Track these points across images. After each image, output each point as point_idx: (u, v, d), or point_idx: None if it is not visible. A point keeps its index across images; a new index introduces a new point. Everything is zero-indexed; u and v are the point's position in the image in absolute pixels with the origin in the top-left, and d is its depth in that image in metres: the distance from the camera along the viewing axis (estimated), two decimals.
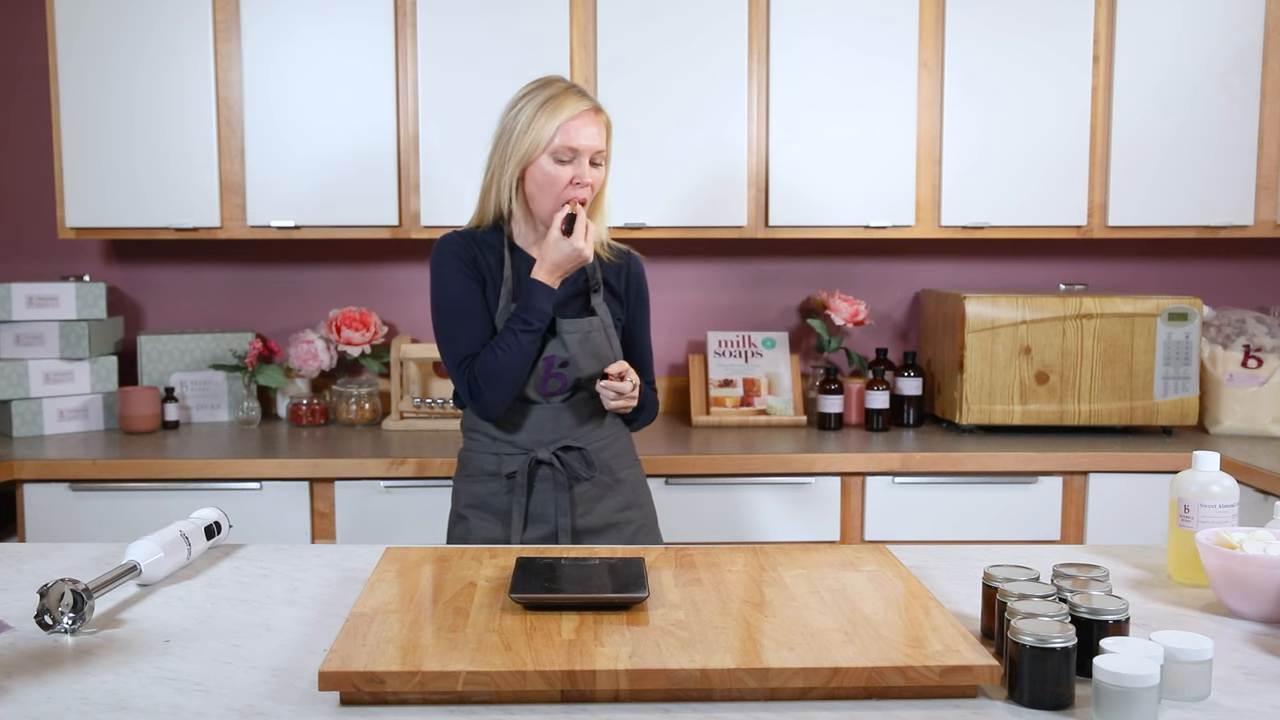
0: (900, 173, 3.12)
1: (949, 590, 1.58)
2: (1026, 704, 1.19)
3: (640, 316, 2.25)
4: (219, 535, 1.78)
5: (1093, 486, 2.89)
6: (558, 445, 2.13)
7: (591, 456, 2.13)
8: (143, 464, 2.79)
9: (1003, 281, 3.53)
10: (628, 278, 2.23)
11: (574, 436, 2.15)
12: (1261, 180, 3.16)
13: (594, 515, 2.15)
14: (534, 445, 2.13)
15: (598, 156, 2.09)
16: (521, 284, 2.10)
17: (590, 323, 2.13)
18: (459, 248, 2.14)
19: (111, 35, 3.00)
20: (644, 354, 2.26)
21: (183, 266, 3.43)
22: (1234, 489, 1.61)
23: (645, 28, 3.05)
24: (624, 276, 2.23)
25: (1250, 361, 3.11)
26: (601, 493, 2.16)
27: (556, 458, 2.12)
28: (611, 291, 2.21)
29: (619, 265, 2.23)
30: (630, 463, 2.25)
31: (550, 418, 2.14)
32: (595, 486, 2.16)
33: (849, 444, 3.01)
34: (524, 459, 2.11)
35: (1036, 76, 3.11)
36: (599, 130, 2.08)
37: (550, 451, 2.12)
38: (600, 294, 2.18)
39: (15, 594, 1.57)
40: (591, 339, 2.13)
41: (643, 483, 2.28)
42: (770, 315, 3.50)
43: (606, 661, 1.21)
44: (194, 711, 1.18)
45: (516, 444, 2.14)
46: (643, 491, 2.26)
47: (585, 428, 2.16)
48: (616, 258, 2.23)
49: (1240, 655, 1.35)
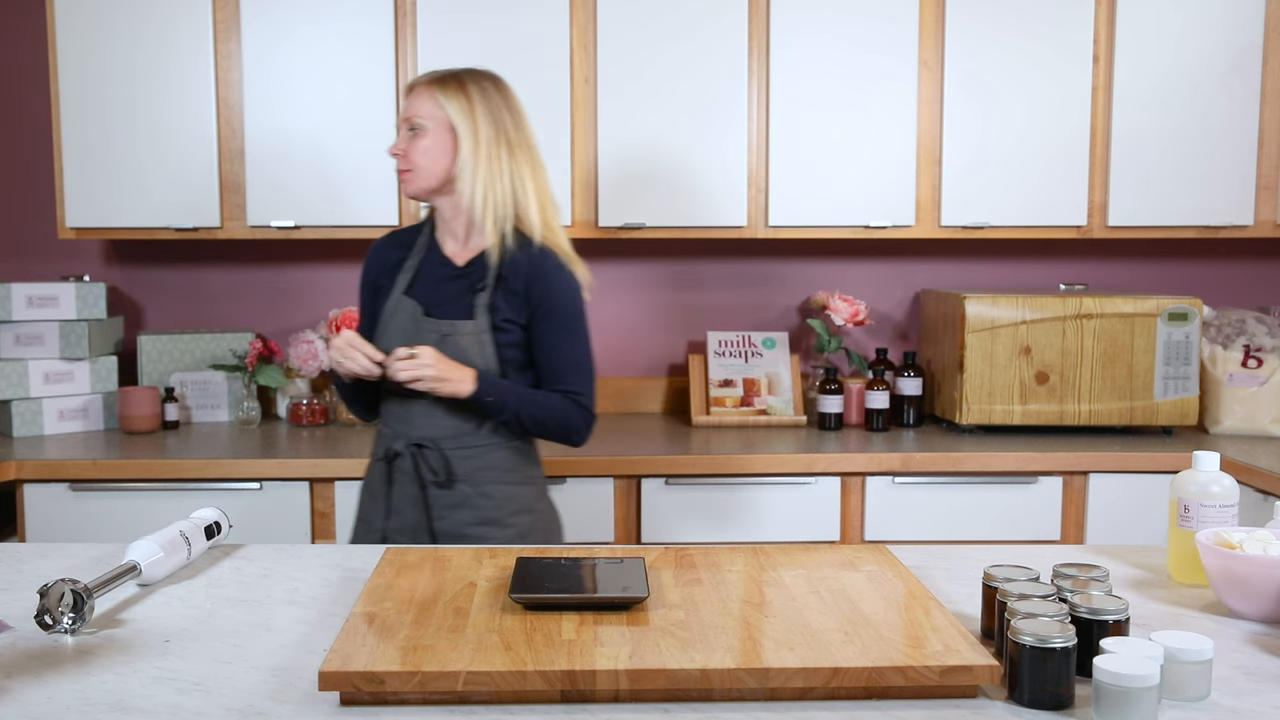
0: (900, 172, 3.12)
1: (949, 590, 1.58)
2: (1026, 704, 1.19)
3: (550, 321, 2.11)
4: (219, 535, 1.78)
5: (1093, 486, 2.89)
6: (413, 441, 2.12)
7: (449, 461, 2.10)
8: (143, 464, 2.79)
9: (1003, 281, 3.53)
10: (527, 278, 2.09)
11: (431, 436, 2.11)
12: (1261, 180, 3.16)
13: (448, 522, 2.11)
14: (395, 437, 2.15)
15: (413, 120, 2.12)
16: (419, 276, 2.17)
17: (457, 325, 2.09)
18: (369, 261, 2.26)
19: (111, 35, 3.00)
20: (556, 361, 2.12)
21: (183, 266, 3.43)
22: (1234, 489, 1.61)
23: (645, 27, 3.05)
24: (523, 275, 2.10)
25: (1250, 361, 3.11)
26: (458, 502, 2.11)
27: (411, 454, 2.11)
28: (510, 291, 2.10)
29: (519, 262, 2.10)
30: (507, 479, 2.13)
31: (406, 412, 2.13)
32: (453, 494, 2.11)
33: (849, 444, 3.01)
34: (384, 447, 2.15)
35: (1036, 76, 3.11)
36: (418, 99, 2.12)
37: (405, 446, 2.12)
38: (489, 293, 2.10)
39: (15, 594, 1.57)
40: (452, 341, 2.08)
41: (520, 503, 2.15)
42: (770, 315, 3.50)
43: (606, 661, 1.21)
44: (194, 711, 1.18)
45: (386, 432, 2.18)
46: (515, 512, 2.13)
47: (444, 429, 2.11)
48: (518, 251, 2.10)
49: (1240, 655, 1.35)
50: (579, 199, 3.09)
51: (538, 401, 2.10)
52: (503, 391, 2.07)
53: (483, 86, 2.14)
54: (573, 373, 2.13)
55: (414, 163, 2.12)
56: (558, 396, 2.12)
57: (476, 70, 2.17)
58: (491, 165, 2.10)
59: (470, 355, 2.08)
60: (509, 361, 2.10)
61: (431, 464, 2.10)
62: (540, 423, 2.11)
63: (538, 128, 3.03)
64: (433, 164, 2.11)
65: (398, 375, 2.02)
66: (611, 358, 3.49)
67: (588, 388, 2.15)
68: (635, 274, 3.47)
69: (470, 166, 2.09)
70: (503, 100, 2.15)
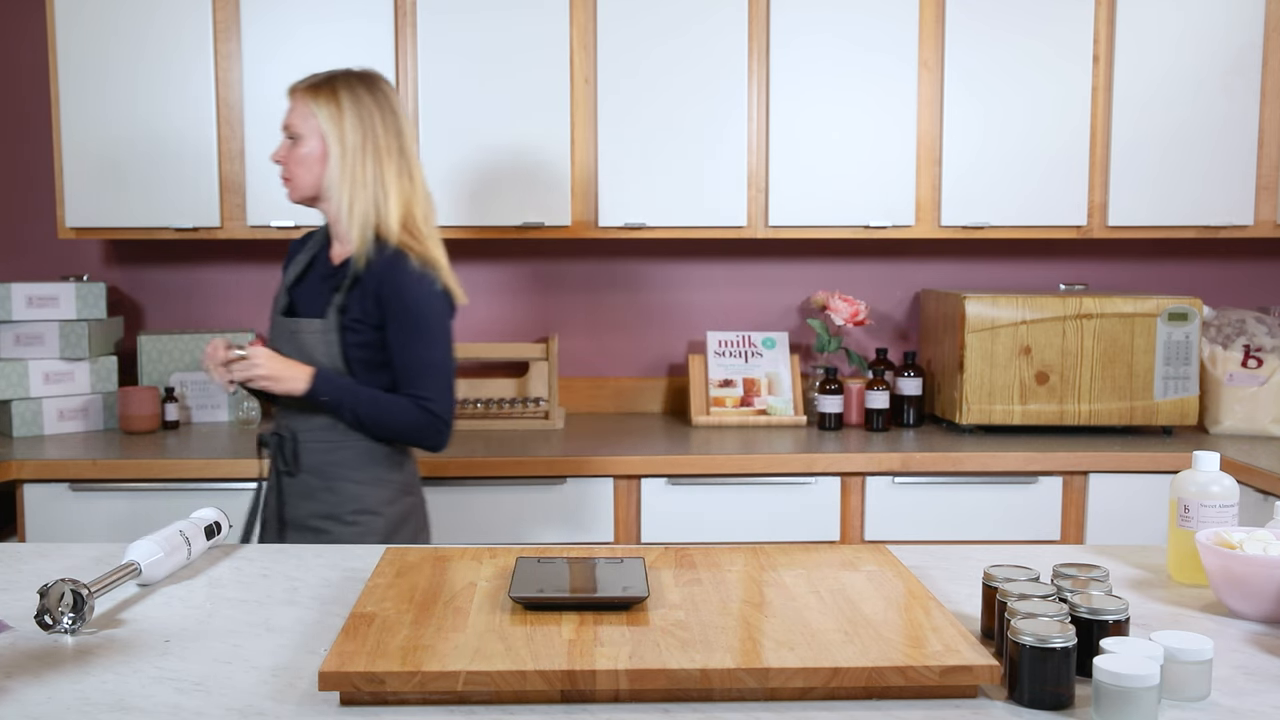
0: (900, 172, 3.12)
1: (949, 590, 1.58)
2: (1026, 704, 1.19)
3: (399, 324, 2.11)
4: (219, 535, 1.78)
5: (1093, 486, 2.89)
6: (277, 430, 2.22)
7: (299, 452, 2.17)
8: (143, 464, 2.79)
9: (1003, 281, 3.53)
10: (379, 280, 2.10)
11: (290, 426, 2.19)
12: (1261, 180, 3.16)
13: (296, 511, 2.18)
14: (272, 426, 2.26)
15: (290, 129, 2.15)
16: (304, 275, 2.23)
17: (305, 324, 2.15)
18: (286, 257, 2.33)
19: (111, 35, 3.00)
20: (406, 364, 2.12)
21: (183, 266, 3.43)
22: (1234, 489, 1.61)
23: (646, 27, 3.05)
24: (376, 278, 2.11)
25: (1250, 361, 3.11)
26: (307, 493, 2.17)
27: (274, 442, 2.20)
28: (365, 292, 2.12)
29: (374, 265, 2.11)
30: (355, 478, 2.15)
31: (278, 402, 2.22)
32: (304, 485, 2.17)
33: (849, 444, 3.01)
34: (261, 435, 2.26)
35: (1036, 76, 3.11)
36: (295, 107, 2.16)
37: (271, 434, 2.21)
38: (343, 294, 2.13)
39: (15, 594, 1.57)
40: (300, 339, 2.15)
41: (365, 503, 2.15)
42: (770, 315, 3.50)
43: (606, 661, 1.21)
44: (194, 711, 1.18)
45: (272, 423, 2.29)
46: (358, 511, 2.14)
47: (302, 422, 2.18)
48: (376, 255, 2.12)
49: (1240, 655, 1.35)
50: (579, 199, 3.09)
51: (379, 403, 2.12)
52: (341, 391, 2.10)
53: (355, 92, 2.15)
54: (421, 377, 2.12)
55: (291, 171, 2.17)
56: (404, 400, 2.12)
57: (352, 73, 2.18)
58: (356, 172, 2.12)
59: (317, 353, 2.13)
60: (358, 361, 2.13)
61: (284, 453, 2.18)
62: (381, 425, 2.12)
63: (537, 127, 3.06)
64: (307, 172, 2.15)
65: (232, 375, 2.10)
66: (611, 358, 3.49)
67: (438, 392, 2.13)
68: (635, 274, 3.47)
69: (338, 173, 2.12)
70: (375, 105, 2.15)
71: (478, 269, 3.44)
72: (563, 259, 3.46)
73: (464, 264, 3.43)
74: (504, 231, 3.11)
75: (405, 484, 2.23)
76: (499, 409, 3.23)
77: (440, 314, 2.15)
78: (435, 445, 2.17)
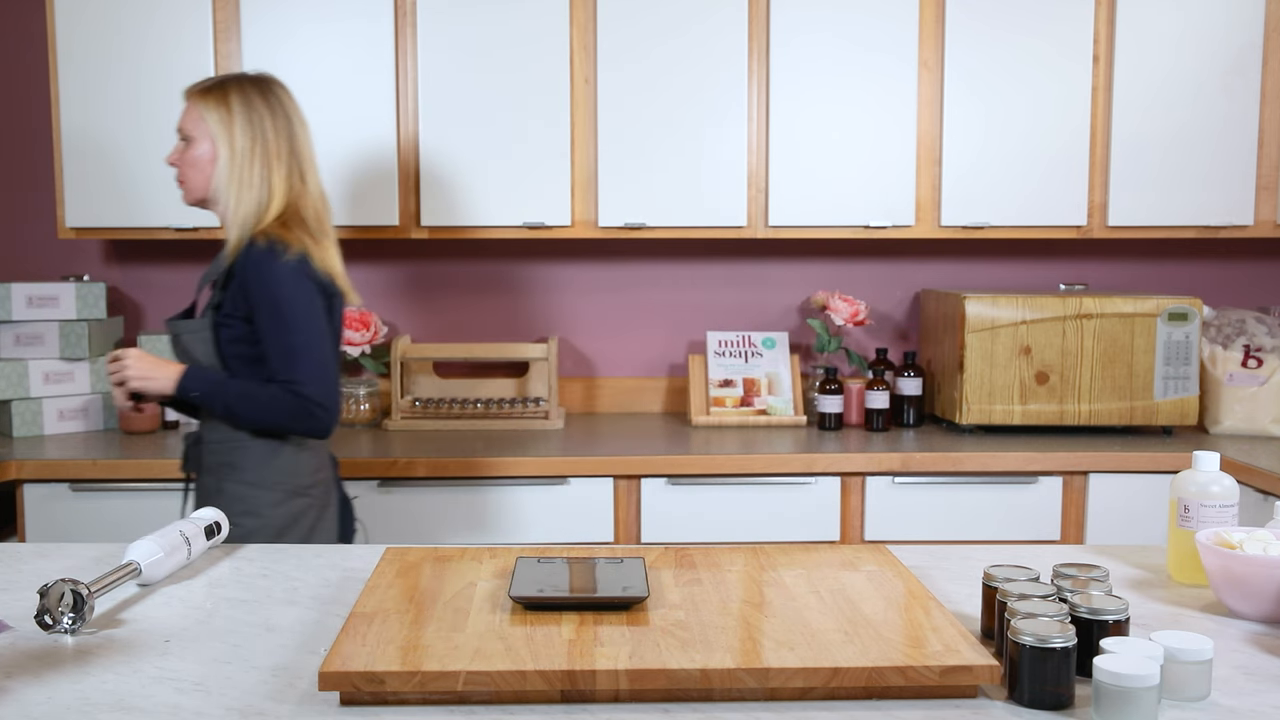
0: (900, 172, 3.12)
1: (949, 590, 1.58)
2: (1026, 704, 1.19)
3: (262, 312, 2.10)
4: (219, 535, 1.78)
5: (1093, 486, 2.89)
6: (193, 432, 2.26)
7: (203, 454, 2.20)
8: (143, 464, 2.79)
9: (1003, 281, 3.53)
10: (243, 272, 2.11)
11: (198, 430, 2.25)
12: (1261, 180, 3.16)
13: None
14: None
15: (183, 131, 2.19)
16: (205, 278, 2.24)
17: (184, 324, 2.18)
18: None
19: (111, 35, 3.00)
20: (272, 351, 2.10)
21: (183, 266, 3.43)
22: (1234, 489, 1.61)
23: (646, 27, 3.05)
24: (241, 270, 2.12)
25: (1250, 361, 3.11)
26: (206, 496, 2.20)
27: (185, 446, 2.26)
28: (236, 287, 2.13)
29: (242, 259, 2.12)
30: (242, 479, 2.15)
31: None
32: (206, 487, 2.20)
33: (849, 444, 3.01)
34: None
35: (1037, 76, 3.11)
36: (188, 110, 2.19)
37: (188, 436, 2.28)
38: (217, 291, 2.16)
39: (15, 594, 1.56)
40: (181, 341, 2.19)
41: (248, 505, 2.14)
42: (770, 315, 3.50)
43: (606, 661, 1.21)
44: (194, 711, 1.18)
45: None
46: (241, 514, 2.12)
47: (205, 424, 2.22)
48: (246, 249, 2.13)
49: (1240, 655, 1.35)
50: (579, 199, 3.09)
51: (249, 395, 2.11)
52: (209, 386, 2.11)
53: (246, 95, 2.16)
54: (287, 361, 2.10)
55: (184, 173, 2.20)
56: (274, 387, 2.11)
57: (246, 77, 2.19)
58: (245, 175, 2.13)
59: (196, 353, 2.16)
60: (236, 357, 2.14)
61: (190, 456, 2.23)
62: (255, 416, 2.12)
63: (537, 127, 3.06)
64: (198, 174, 2.18)
65: (111, 379, 2.15)
66: (611, 358, 3.49)
67: (307, 375, 2.10)
68: (635, 274, 3.47)
69: (225, 176, 2.14)
70: (266, 108, 2.16)
71: (478, 269, 3.44)
72: (563, 259, 3.46)
73: (464, 264, 3.44)
74: (504, 231, 3.11)
75: (297, 486, 2.18)
76: (499, 409, 3.23)
77: (304, 297, 2.12)
78: (316, 430, 2.13)
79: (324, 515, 2.24)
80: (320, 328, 2.14)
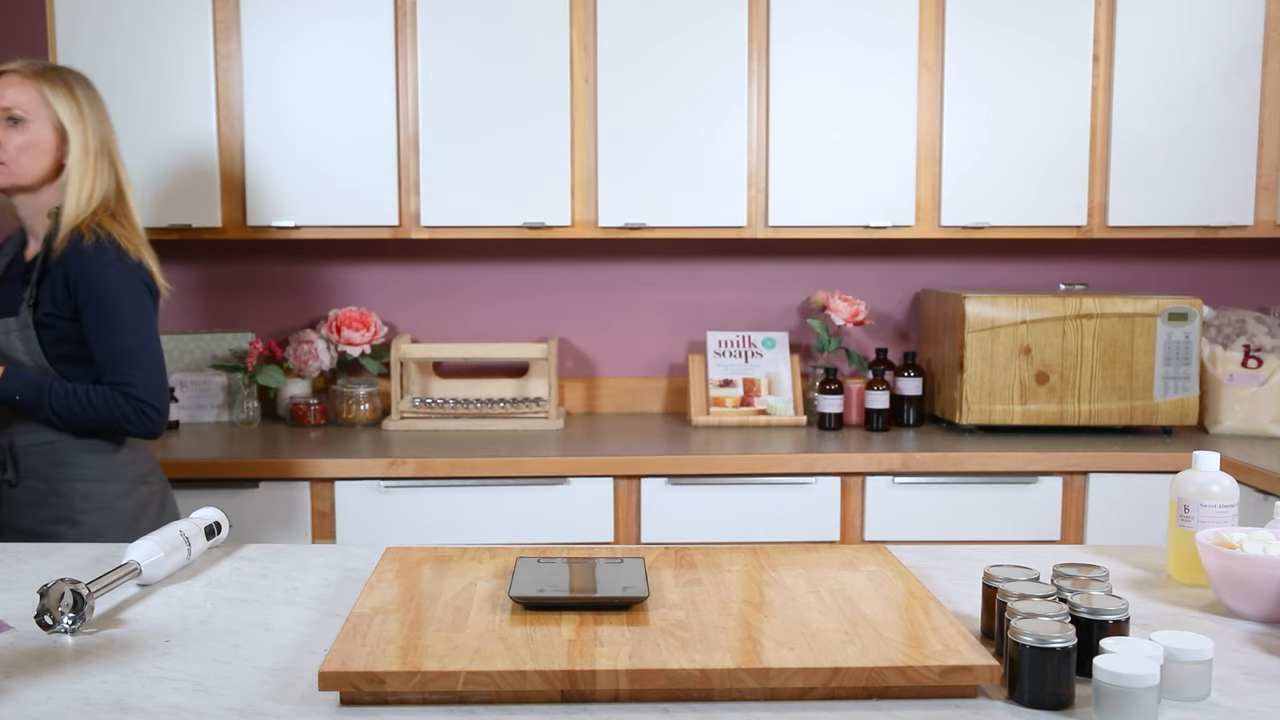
0: (900, 172, 3.12)
1: (949, 590, 1.58)
2: (1026, 704, 1.19)
3: (89, 311, 2.06)
4: (219, 535, 1.78)
5: (1093, 486, 2.89)
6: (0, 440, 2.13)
7: (16, 459, 2.10)
8: None
9: (1003, 281, 3.53)
10: (67, 269, 2.06)
11: (8, 435, 2.12)
12: (1261, 180, 3.16)
13: (28, 519, 2.11)
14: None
15: (11, 111, 2.08)
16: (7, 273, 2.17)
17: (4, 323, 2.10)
18: None
19: (112, 35, 3.00)
20: (102, 352, 2.07)
21: (183, 266, 3.43)
22: (1234, 489, 1.61)
23: (646, 26, 3.05)
24: (64, 268, 2.07)
25: (1250, 361, 3.11)
26: (35, 500, 2.11)
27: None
28: (56, 284, 2.08)
29: (65, 256, 2.07)
30: (82, 476, 2.11)
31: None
32: (30, 491, 2.11)
33: (849, 444, 3.01)
34: None
35: (1037, 76, 3.11)
36: (19, 88, 2.08)
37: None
38: (33, 288, 2.08)
39: (15, 594, 1.57)
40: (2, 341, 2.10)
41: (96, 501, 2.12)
42: (770, 315, 3.50)
43: (606, 661, 1.21)
44: (194, 711, 1.18)
45: None
46: (89, 510, 2.11)
47: (16, 429, 2.11)
48: (69, 246, 2.08)
49: (1240, 655, 1.35)
50: (579, 199, 3.09)
51: (77, 397, 2.06)
52: (33, 389, 2.05)
53: (87, 90, 2.15)
54: (118, 363, 2.07)
55: (11, 156, 2.09)
56: (104, 389, 2.07)
57: (72, 70, 2.17)
58: (98, 167, 2.11)
59: (17, 354, 2.08)
60: (61, 357, 2.10)
61: (10, 459, 2.11)
62: (82, 418, 2.07)
63: (537, 126, 3.06)
64: (33, 162, 2.10)
65: None
66: (611, 358, 3.49)
67: (140, 376, 2.08)
68: (635, 274, 3.47)
69: (79, 171, 2.09)
70: (100, 102, 2.17)
71: (477, 269, 3.44)
72: (563, 259, 3.46)
73: (464, 264, 3.44)
74: (504, 231, 3.11)
75: (138, 474, 2.18)
76: (499, 409, 3.23)
77: (133, 297, 2.10)
78: (149, 431, 2.11)
79: (168, 498, 2.25)
80: (151, 329, 2.13)
